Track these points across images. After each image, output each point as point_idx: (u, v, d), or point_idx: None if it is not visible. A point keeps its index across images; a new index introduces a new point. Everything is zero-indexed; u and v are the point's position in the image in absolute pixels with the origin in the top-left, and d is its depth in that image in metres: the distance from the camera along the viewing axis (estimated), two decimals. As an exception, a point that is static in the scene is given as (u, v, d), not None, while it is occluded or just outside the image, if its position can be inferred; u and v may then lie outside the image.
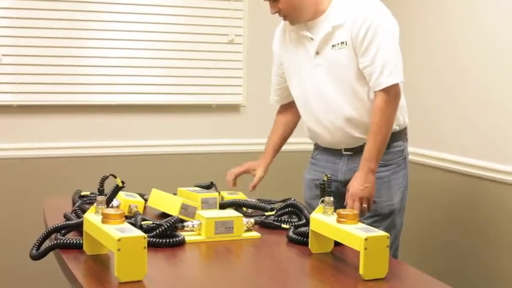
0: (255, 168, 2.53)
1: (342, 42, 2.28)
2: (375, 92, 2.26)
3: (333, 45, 2.30)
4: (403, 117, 2.40)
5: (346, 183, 2.33)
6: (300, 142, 2.84)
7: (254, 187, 2.50)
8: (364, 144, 2.31)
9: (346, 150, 2.41)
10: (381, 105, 2.24)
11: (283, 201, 2.26)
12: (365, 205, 2.25)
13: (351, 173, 2.33)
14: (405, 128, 2.46)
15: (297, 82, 2.45)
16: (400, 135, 2.42)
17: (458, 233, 3.07)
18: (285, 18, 2.34)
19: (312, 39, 2.34)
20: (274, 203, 2.29)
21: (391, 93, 2.25)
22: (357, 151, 2.37)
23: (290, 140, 2.64)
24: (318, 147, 2.54)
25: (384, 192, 2.36)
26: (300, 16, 2.32)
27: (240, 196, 2.35)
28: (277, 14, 2.32)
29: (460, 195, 3.07)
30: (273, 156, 2.58)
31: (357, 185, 2.24)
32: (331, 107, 2.35)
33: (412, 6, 3.32)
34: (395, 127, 2.36)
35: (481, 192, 2.93)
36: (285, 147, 2.62)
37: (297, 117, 2.57)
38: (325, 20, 2.31)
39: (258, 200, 2.36)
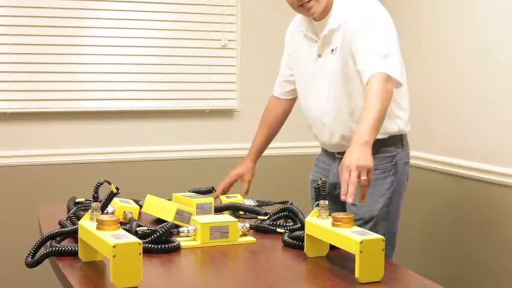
0: (243, 174, 2.56)
1: (336, 48, 2.27)
2: (368, 79, 2.10)
3: (332, 50, 2.29)
4: (396, 124, 2.33)
5: (335, 185, 2.34)
6: (305, 146, 2.83)
7: (247, 192, 2.52)
8: None
9: (338, 153, 2.40)
10: (377, 79, 2.07)
11: (282, 203, 2.28)
12: (364, 177, 1.89)
13: None
14: (401, 135, 2.38)
15: (301, 81, 2.46)
16: (390, 142, 2.34)
17: (459, 236, 3.08)
18: (310, 8, 2.24)
19: (316, 41, 2.34)
20: (272, 204, 2.33)
21: (387, 78, 2.09)
22: None
23: (296, 143, 2.63)
24: (322, 148, 2.54)
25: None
26: (322, 5, 2.25)
27: (238, 200, 2.36)
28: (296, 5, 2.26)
29: (462, 198, 3.07)
30: (257, 158, 2.60)
31: (352, 156, 1.92)
32: (329, 109, 2.34)
33: (411, 13, 3.33)
34: (384, 135, 2.29)
35: (482, 195, 2.93)
36: (290, 151, 2.61)
37: (286, 113, 2.61)
38: (328, 20, 2.28)
39: (257, 201, 2.39)
